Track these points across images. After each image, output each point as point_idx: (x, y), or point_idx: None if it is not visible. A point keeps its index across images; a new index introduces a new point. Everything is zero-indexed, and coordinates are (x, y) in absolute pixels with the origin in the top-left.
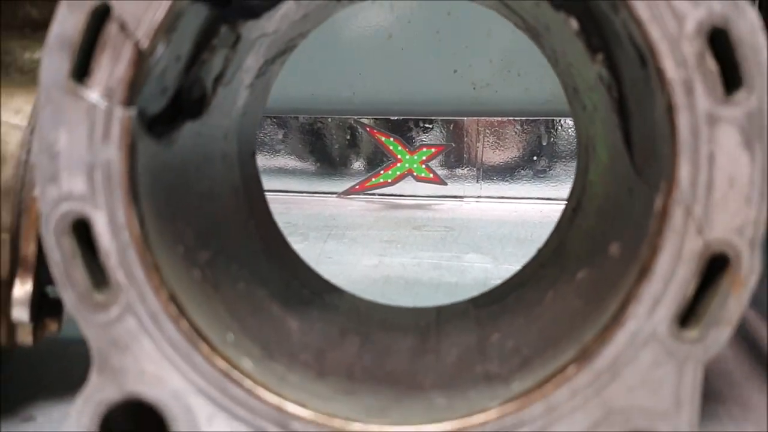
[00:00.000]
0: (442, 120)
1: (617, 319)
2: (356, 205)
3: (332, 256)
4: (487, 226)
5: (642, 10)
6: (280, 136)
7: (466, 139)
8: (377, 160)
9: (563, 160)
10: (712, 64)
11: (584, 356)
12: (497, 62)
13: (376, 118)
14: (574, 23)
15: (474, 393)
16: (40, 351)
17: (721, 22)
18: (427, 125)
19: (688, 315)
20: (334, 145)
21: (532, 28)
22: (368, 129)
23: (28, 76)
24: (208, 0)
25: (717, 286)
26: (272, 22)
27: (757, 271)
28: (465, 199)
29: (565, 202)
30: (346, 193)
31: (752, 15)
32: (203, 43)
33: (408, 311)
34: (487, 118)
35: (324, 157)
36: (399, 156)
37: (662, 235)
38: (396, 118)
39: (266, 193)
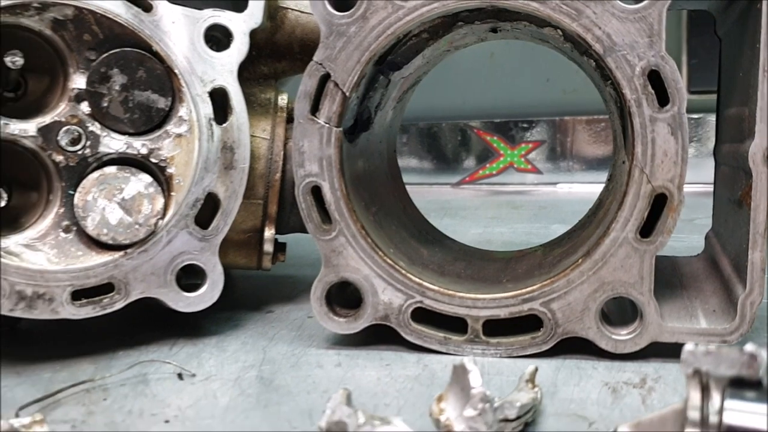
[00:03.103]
0: (538, 120)
1: (606, 232)
2: (466, 192)
3: (447, 228)
4: (574, 204)
5: (611, 62)
6: (404, 140)
7: (558, 135)
8: (484, 155)
9: None
10: (651, 90)
11: (588, 253)
12: (582, 71)
13: (482, 121)
14: (592, 62)
15: (529, 281)
16: (272, 274)
17: (655, 67)
18: (525, 125)
19: (645, 228)
20: (447, 145)
21: (574, 62)
22: (476, 130)
23: (264, 108)
24: (375, 65)
25: (660, 212)
26: (408, 69)
27: (683, 202)
28: (558, 185)
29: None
30: (458, 184)
31: (672, 63)
32: (370, 87)
33: (499, 252)
34: (576, 117)
35: (439, 155)
36: (502, 152)
37: (628, 184)
38: (499, 120)
39: None
